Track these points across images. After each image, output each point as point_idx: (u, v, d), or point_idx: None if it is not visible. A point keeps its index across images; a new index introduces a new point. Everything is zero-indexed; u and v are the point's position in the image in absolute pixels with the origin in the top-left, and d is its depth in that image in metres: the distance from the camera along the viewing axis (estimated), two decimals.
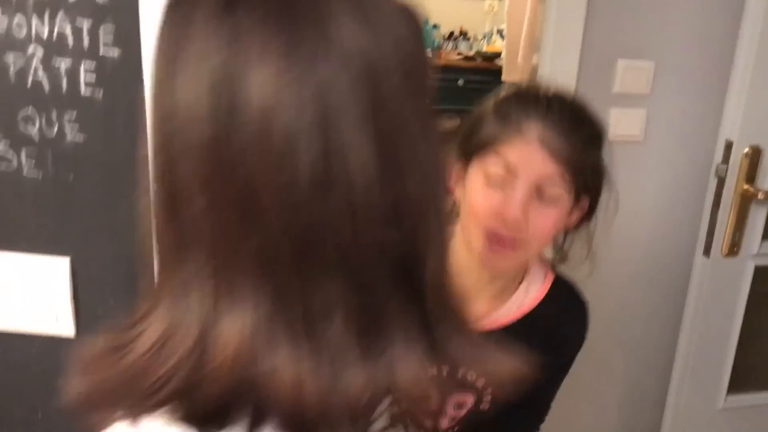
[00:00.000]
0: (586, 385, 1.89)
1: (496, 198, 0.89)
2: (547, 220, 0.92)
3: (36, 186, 0.82)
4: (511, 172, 0.89)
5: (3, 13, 0.77)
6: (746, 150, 1.53)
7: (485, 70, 4.45)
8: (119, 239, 0.84)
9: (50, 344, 0.88)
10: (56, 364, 0.89)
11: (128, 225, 0.83)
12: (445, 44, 4.90)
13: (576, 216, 0.96)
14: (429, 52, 3.68)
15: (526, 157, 0.89)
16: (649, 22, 1.72)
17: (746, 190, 1.55)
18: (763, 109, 1.51)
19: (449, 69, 4.53)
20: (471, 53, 4.69)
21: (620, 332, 1.90)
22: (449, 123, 0.82)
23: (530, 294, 1.01)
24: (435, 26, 4.91)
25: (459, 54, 4.69)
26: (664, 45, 1.74)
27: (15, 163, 0.82)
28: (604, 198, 0.99)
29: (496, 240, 0.90)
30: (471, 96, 4.69)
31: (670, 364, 1.81)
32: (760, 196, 1.54)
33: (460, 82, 4.51)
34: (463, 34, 4.88)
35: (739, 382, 1.76)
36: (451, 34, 4.91)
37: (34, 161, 0.82)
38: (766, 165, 1.55)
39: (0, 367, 0.89)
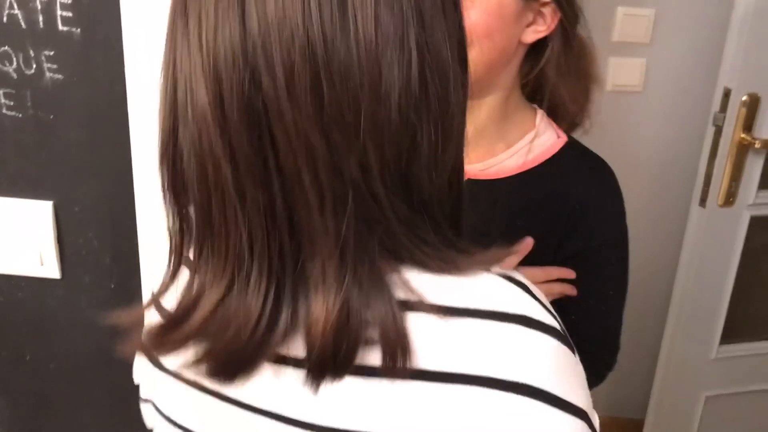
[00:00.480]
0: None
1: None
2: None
3: (16, 126, 0.81)
4: None
5: None
6: (744, 98, 1.51)
7: None
8: (101, 181, 0.83)
9: (36, 286, 0.87)
10: (43, 305, 0.89)
11: (110, 166, 0.82)
12: None
13: (540, 27, 0.78)
14: None
15: None
16: None
17: (743, 139, 1.53)
18: (761, 57, 1.49)
19: None
20: None
21: None
22: None
23: (535, 148, 0.82)
24: None
25: None
26: None
27: None
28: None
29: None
30: None
31: (665, 313, 1.82)
32: (757, 144, 1.52)
33: None
34: None
35: (731, 333, 1.77)
36: None
37: (12, 101, 0.80)
38: (763, 113, 1.52)
39: None
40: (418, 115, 0.43)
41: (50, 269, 0.86)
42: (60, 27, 0.77)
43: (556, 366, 0.45)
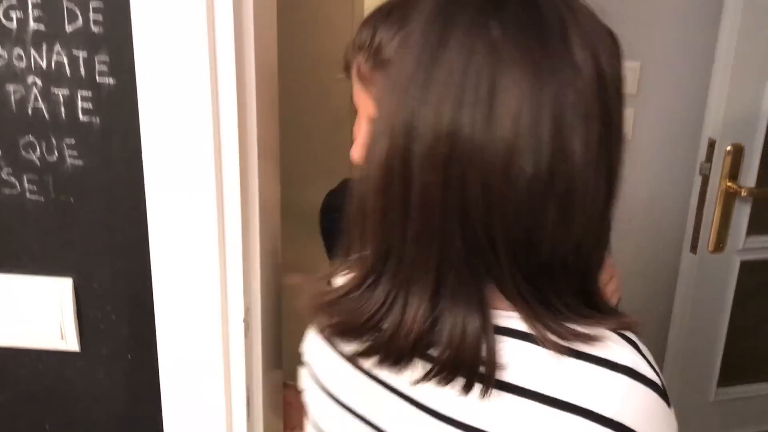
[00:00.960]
0: None
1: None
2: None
3: (38, 209, 0.86)
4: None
5: (3, 47, 0.80)
6: (728, 148, 1.57)
7: None
8: (119, 258, 0.88)
9: (56, 359, 0.91)
10: (62, 378, 0.92)
11: (127, 245, 0.87)
12: None
13: None
14: None
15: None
16: (635, 24, 1.76)
17: (729, 187, 1.59)
18: (743, 108, 1.55)
19: None
20: None
21: None
22: None
23: None
24: None
25: None
26: (650, 46, 1.78)
27: (18, 188, 0.85)
28: None
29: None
30: None
31: (662, 359, 1.85)
32: (743, 192, 1.58)
33: None
34: None
35: (728, 375, 1.80)
36: None
37: (35, 186, 0.85)
38: (747, 162, 1.59)
39: (10, 382, 0.93)
40: (544, 198, 0.55)
41: (70, 343, 0.90)
42: (81, 117, 0.82)
43: (652, 415, 0.56)
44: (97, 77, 0.81)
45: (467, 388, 0.59)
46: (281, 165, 1.06)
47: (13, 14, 0.80)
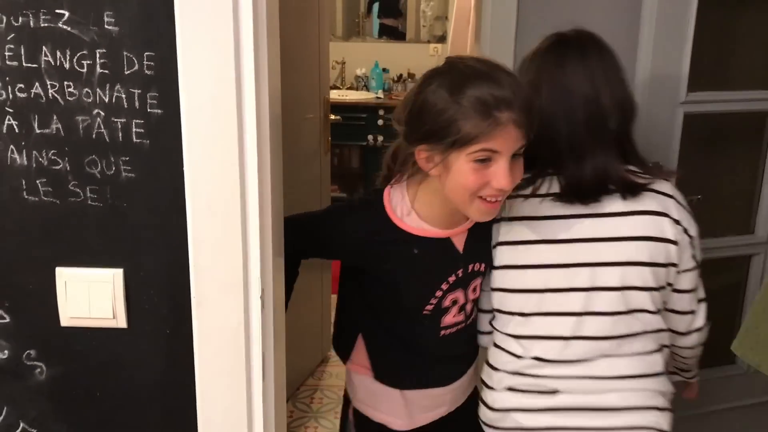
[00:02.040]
0: None
1: (485, 174, 1.21)
2: (520, 171, 1.26)
3: (97, 213, 1.09)
4: (494, 153, 1.20)
5: (74, 87, 1.04)
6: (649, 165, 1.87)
7: None
8: (161, 252, 1.11)
9: (107, 335, 1.13)
10: (112, 351, 1.14)
11: (168, 241, 1.10)
12: (395, 86, 5.24)
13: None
14: (381, 94, 4.11)
15: (506, 140, 1.19)
16: None
17: None
18: (659, 131, 1.86)
19: None
20: None
21: None
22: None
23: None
24: (385, 70, 5.26)
25: None
26: None
27: (82, 196, 1.08)
28: None
29: (491, 202, 1.24)
30: None
31: None
32: None
33: None
34: (411, 77, 5.24)
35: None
36: (400, 76, 5.26)
37: (96, 194, 1.08)
38: None
39: (69, 356, 1.14)
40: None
41: (120, 321, 1.12)
42: (134, 140, 1.06)
43: (687, 216, 1.40)
44: (148, 109, 1.05)
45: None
46: None
47: (84, 62, 1.04)
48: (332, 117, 3.30)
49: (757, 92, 1.95)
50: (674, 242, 1.32)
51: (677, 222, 1.33)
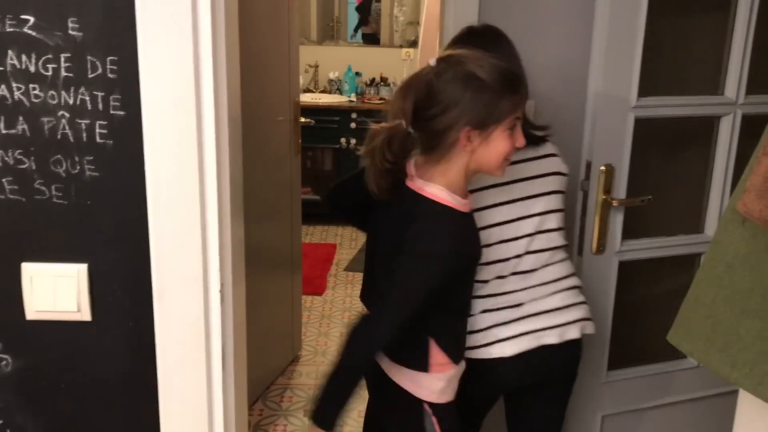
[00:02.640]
0: None
1: (512, 139, 1.48)
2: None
3: (62, 211, 1.14)
4: (518, 120, 1.48)
5: (40, 89, 1.09)
6: (602, 168, 1.94)
7: None
8: (124, 248, 1.16)
9: (72, 327, 1.18)
10: (77, 343, 1.19)
11: (131, 237, 1.15)
12: (368, 90, 5.30)
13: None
14: (353, 98, 4.20)
15: (523, 107, 1.50)
16: (529, 67, 2.13)
17: (605, 200, 1.96)
18: (612, 135, 1.93)
19: (373, 113, 4.93)
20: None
21: None
22: None
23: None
24: (357, 74, 5.32)
25: (381, 99, 5.11)
26: (541, 86, 2.15)
27: (47, 194, 1.13)
28: None
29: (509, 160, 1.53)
30: None
31: None
32: (615, 203, 1.95)
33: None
34: (384, 80, 5.30)
35: (617, 360, 2.15)
36: (373, 80, 5.32)
37: (61, 193, 1.13)
38: (618, 179, 1.96)
39: (35, 348, 1.19)
40: None
41: (84, 314, 1.17)
42: (98, 140, 1.11)
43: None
44: (111, 111, 1.10)
45: None
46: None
47: (49, 66, 1.09)
48: (303, 120, 3.35)
49: (704, 97, 2.04)
50: (566, 174, 1.79)
51: (563, 161, 1.79)
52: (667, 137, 2.15)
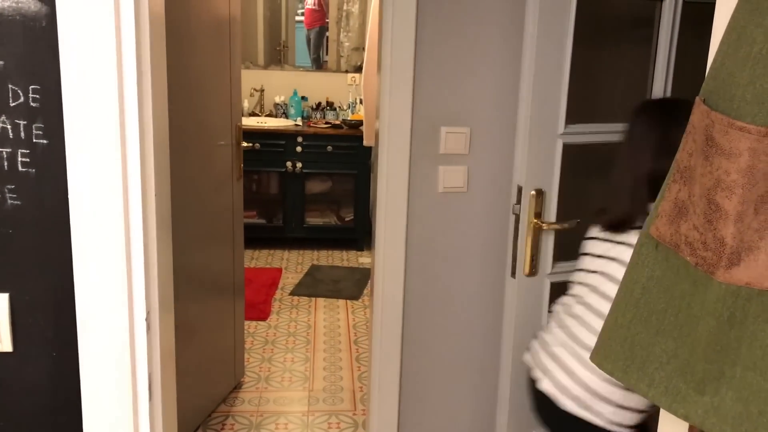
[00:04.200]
0: (438, 393, 2.29)
1: None
2: None
3: None
4: None
5: None
6: (532, 192, 2.00)
7: (351, 136, 4.91)
8: (47, 277, 1.14)
9: None
10: None
11: (54, 266, 1.14)
12: (314, 114, 5.33)
13: None
14: (299, 122, 4.25)
15: None
16: (463, 95, 2.19)
17: (536, 223, 2.02)
18: (541, 160, 1.99)
19: (318, 136, 4.96)
20: (337, 121, 5.15)
21: (464, 345, 2.31)
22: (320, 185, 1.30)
23: None
24: (304, 98, 5.35)
25: (327, 123, 5.14)
26: (475, 114, 2.21)
27: None
28: None
29: None
30: (339, 160, 5.27)
31: (498, 365, 2.23)
32: (545, 226, 2.01)
33: (329, 148, 4.94)
34: (330, 105, 5.34)
35: None
36: (319, 104, 5.36)
37: None
38: (547, 202, 2.02)
39: None
40: None
41: (5, 345, 1.15)
42: (20, 168, 1.10)
43: None
44: (33, 139, 1.10)
45: None
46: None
47: None
48: (245, 144, 3.35)
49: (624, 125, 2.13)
50: None
51: None
52: (595, 162, 2.22)
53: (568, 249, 2.14)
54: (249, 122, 4.98)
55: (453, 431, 2.43)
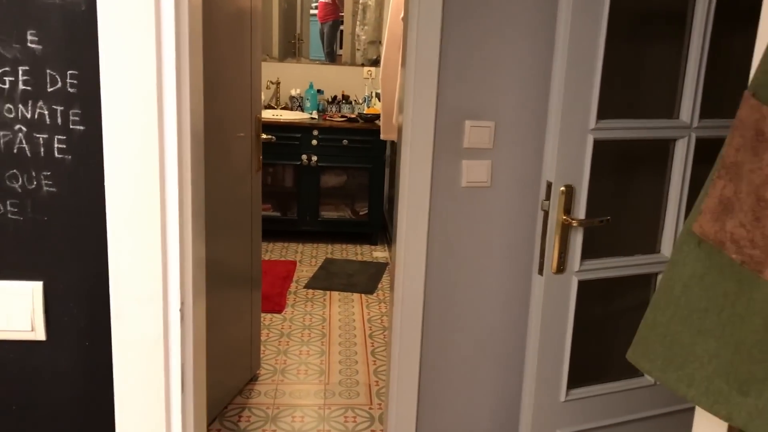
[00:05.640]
0: (457, 390, 2.27)
1: None
2: None
3: (17, 227, 1.10)
4: None
5: None
6: (562, 188, 1.97)
7: (366, 130, 4.89)
8: (82, 265, 1.13)
9: (26, 347, 1.14)
10: (30, 363, 1.15)
11: (89, 254, 1.12)
12: (330, 107, 5.30)
13: None
14: (315, 115, 4.20)
15: None
16: (489, 89, 2.16)
17: (565, 220, 1.99)
18: (571, 156, 1.96)
19: (334, 130, 4.93)
20: (353, 115, 5.12)
21: (485, 342, 2.29)
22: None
23: None
24: (320, 91, 5.32)
25: (342, 116, 5.11)
26: (502, 109, 2.18)
27: (2, 209, 1.10)
28: None
29: None
30: (355, 154, 5.24)
31: (521, 366, 2.21)
32: (575, 223, 1.98)
33: (345, 141, 4.92)
34: (345, 98, 5.31)
35: (575, 378, 2.17)
36: (335, 98, 5.33)
37: (16, 209, 1.10)
38: (577, 199, 1.99)
39: None
40: None
41: (38, 333, 1.13)
42: (56, 155, 1.09)
43: None
44: (70, 125, 1.08)
45: None
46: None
47: (6, 78, 1.06)
48: (264, 136, 3.33)
49: (660, 121, 2.10)
50: None
51: None
52: (624, 159, 2.19)
53: (598, 247, 2.11)
54: (265, 115, 4.96)
55: (472, 429, 2.41)
